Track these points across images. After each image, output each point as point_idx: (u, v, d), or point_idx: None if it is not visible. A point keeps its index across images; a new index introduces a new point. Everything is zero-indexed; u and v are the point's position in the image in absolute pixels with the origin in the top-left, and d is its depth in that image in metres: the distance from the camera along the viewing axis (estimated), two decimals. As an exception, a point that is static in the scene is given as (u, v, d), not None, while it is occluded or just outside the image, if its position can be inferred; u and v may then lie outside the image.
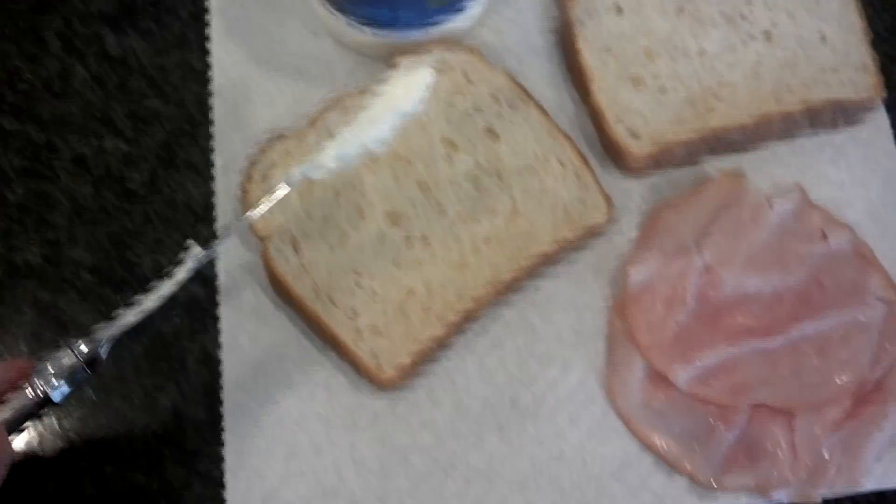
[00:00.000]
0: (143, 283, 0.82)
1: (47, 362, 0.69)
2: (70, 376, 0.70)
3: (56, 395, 0.69)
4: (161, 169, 0.87)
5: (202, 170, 0.87)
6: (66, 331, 0.82)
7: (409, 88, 0.78)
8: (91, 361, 0.70)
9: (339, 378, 0.81)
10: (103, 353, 0.71)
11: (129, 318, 0.72)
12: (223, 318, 0.83)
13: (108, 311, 0.81)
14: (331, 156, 0.75)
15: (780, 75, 0.88)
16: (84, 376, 0.71)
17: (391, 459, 0.80)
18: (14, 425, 0.69)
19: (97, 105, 0.89)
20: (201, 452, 0.80)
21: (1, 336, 0.82)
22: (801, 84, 0.87)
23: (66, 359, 0.70)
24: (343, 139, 0.76)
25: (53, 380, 0.69)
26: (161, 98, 0.89)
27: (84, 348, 0.70)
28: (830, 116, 0.88)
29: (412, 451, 0.80)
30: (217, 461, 0.79)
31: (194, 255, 0.73)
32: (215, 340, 0.82)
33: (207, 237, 0.81)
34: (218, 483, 0.79)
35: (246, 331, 0.82)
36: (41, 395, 0.69)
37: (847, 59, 0.88)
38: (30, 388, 0.69)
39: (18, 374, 0.70)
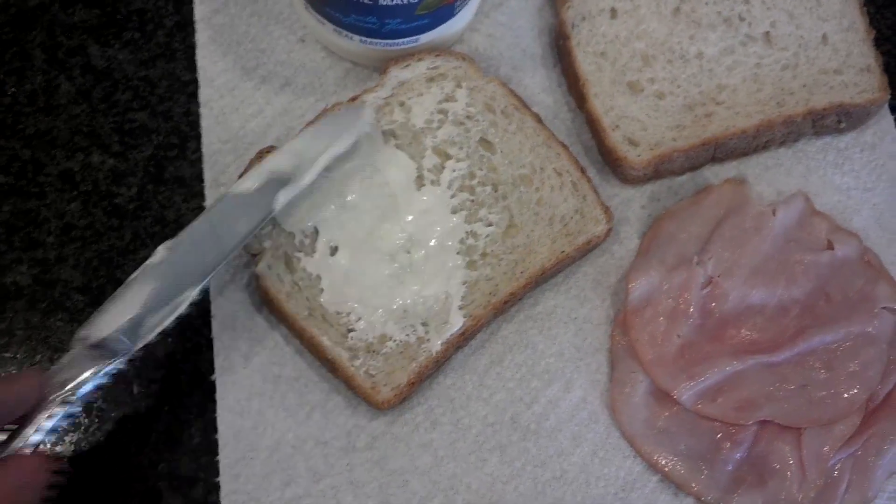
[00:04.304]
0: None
1: (61, 368, 0.69)
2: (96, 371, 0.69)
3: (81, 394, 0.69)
4: (150, 184, 0.86)
5: (192, 184, 0.86)
6: (57, 354, 0.80)
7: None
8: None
9: (335, 399, 0.80)
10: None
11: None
12: (216, 340, 0.81)
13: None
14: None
15: (781, 78, 0.86)
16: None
17: (390, 483, 0.78)
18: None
19: (83, 119, 0.87)
20: (196, 479, 0.78)
21: (-10, 361, 0.81)
22: (802, 87, 0.86)
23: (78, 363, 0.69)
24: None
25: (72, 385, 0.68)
26: (148, 111, 0.88)
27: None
28: (834, 120, 0.86)
29: (411, 473, 0.79)
30: (213, 488, 0.78)
31: None
32: (209, 362, 0.80)
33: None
34: (214, 511, 0.78)
35: (239, 352, 0.80)
36: (63, 404, 0.68)
37: (849, 60, 0.87)
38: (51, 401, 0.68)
39: (35, 387, 0.68)
